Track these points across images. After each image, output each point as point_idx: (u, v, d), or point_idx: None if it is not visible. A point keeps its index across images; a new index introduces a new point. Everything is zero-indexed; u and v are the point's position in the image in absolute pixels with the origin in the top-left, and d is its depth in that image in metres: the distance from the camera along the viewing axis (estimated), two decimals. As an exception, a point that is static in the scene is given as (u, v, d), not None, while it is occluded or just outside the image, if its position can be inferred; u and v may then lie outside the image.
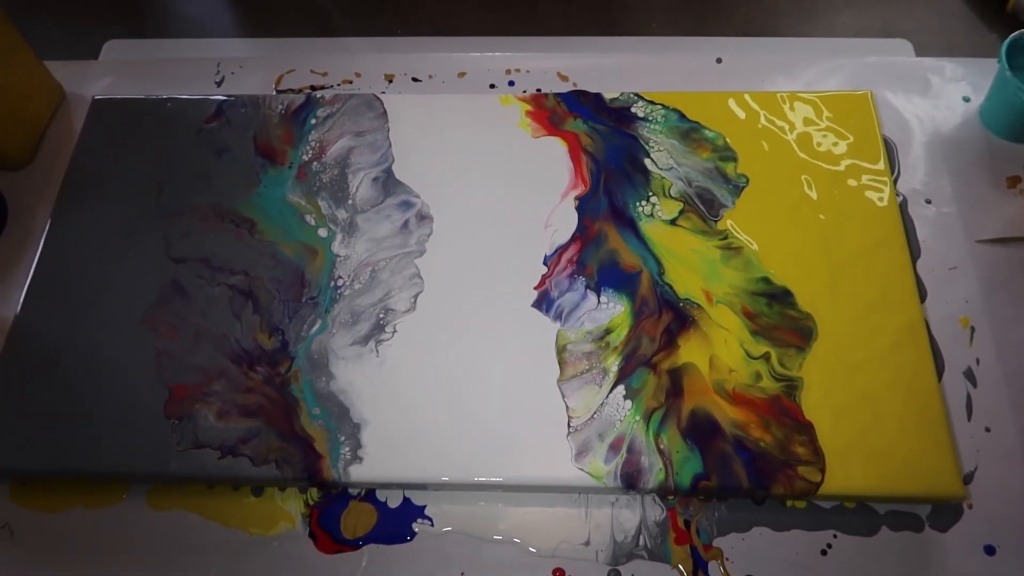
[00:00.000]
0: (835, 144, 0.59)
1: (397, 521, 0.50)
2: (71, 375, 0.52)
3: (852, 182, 0.58)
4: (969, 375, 0.53)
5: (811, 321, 0.52)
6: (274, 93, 0.65)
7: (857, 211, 0.57)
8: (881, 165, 0.58)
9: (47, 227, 0.58)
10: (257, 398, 0.51)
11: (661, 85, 0.64)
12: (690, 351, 0.52)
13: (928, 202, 0.59)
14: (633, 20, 0.70)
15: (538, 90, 0.65)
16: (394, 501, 0.51)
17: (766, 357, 0.51)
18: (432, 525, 0.50)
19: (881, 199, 0.57)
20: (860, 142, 0.60)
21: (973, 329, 0.55)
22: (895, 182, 0.60)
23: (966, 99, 0.64)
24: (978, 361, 0.54)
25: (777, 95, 0.61)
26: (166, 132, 0.61)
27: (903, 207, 0.59)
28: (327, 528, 0.50)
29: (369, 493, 0.51)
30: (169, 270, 0.55)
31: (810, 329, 0.52)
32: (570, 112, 0.61)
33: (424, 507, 0.50)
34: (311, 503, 0.51)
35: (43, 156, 0.64)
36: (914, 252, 0.57)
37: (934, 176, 0.61)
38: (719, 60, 0.66)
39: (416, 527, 0.50)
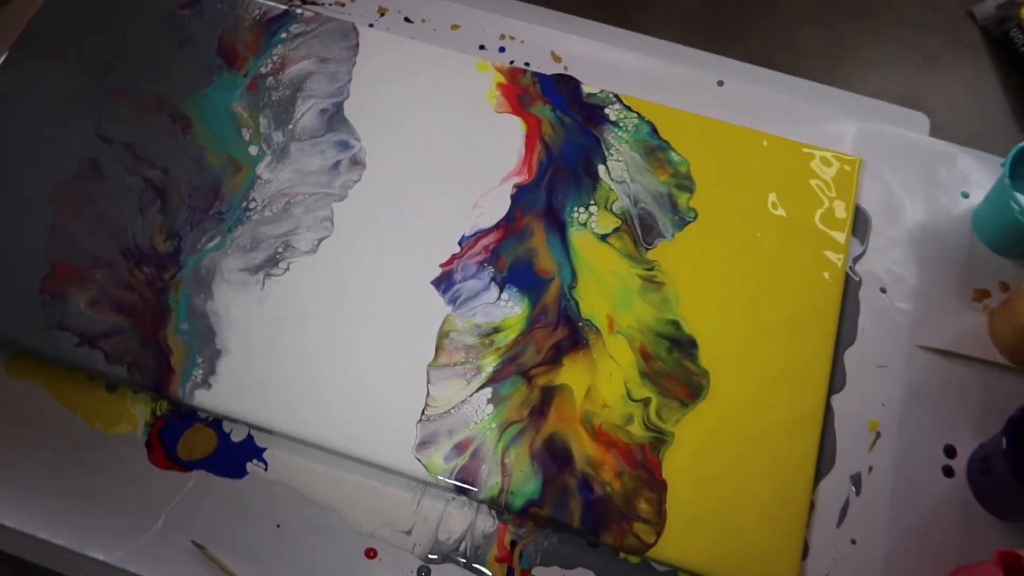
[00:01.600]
0: (805, 203, 0.55)
1: (234, 456, 0.49)
2: (-34, 223, 0.52)
3: (806, 248, 0.54)
4: (856, 480, 0.50)
5: (705, 379, 0.50)
6: (260, -4, 0.63)
7: (799, 278, 0.53)
8: (842, 239, 0.55)
9: (-4, 71, 0.58)
10: (133, 297, 0.50)
11: (651, 93, 0.60)
12: (572, 374, 0.49)
13: (883, 291, 0.55)
14: (648, 18, 0.66)
15: (526, 64, 0.62)
16: (238, 435, 0.50)
17: (646, 402, 0.49)
18: (266, 470, 0.49)
19: (828, 274, 0.53)
20: (832, 209, 0.56)
21: (879, 435, 0.51)
22: (858, 259, 0.56)
23: (965, 195, 0.59)
24: (871, 469, 0.50)
25: (763, 136, 0.57)
26: (136, 7, 0.60)
27: (854, 289, 0.55)
28: (165, 443, 0.49)
29: (217, 420, 0.50)
30: (94, 147, 0.54)
31: (701, 387, 0.49)
32: (542, 95, 0.58)
33: (264, 450, 0.49)
34: (159, 413, 0.50)
35: (13, 5, 0.63)
36: (847, 338, 0.54)
37: (901, 266, 0.56)
38: (720, 83, 0.62)
39: (250, 467, 0.49)
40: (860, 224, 0.57)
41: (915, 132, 0.62)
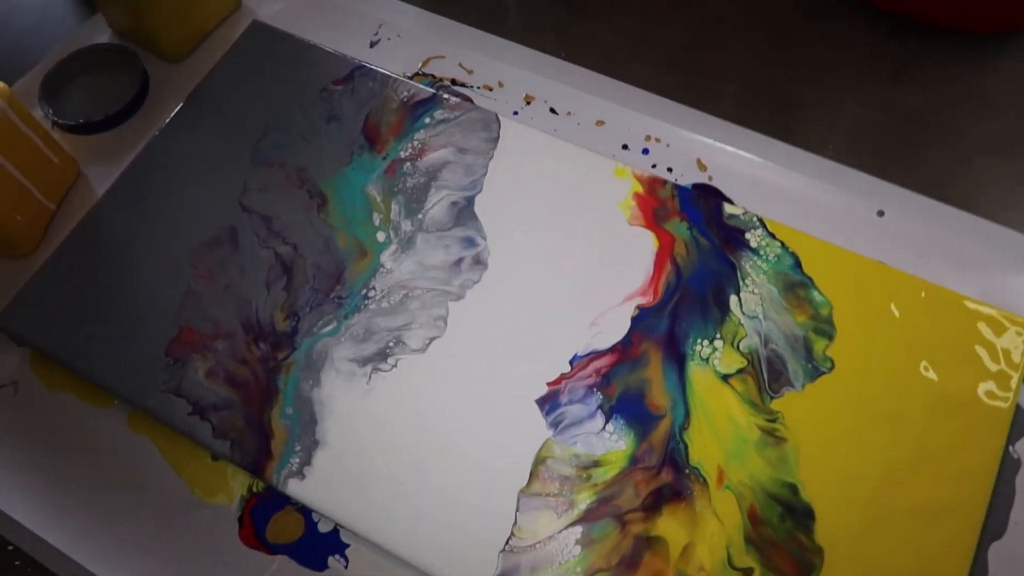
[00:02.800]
0: (962, 368, 0.49)
1: (318, 546, 0.49)
2: (112, 278, 0.55)
3: (959, 421, 0.48)
4: None
5: (819, 558, 0.45)
6: (409, 75, 0.64)
7: (946, 457, 0.47)
8: (1005, 415, 0.48)
9: (164, 124, 0.61)
10: (246, 373, 0.51)
11: (801, 216, 0.56)
12: (670, 526, 0.46)
13: (1046, 480, 0.48)
14: (810, 133, 0.61)
15: (669, 169, 0.59)
16: (325, 527, 0.50)
17: (747, 573, 0.45)
18: (346, 567, 0.49)
19: (983, 454, 0.47)
20: (995, 378, 0.49)
21: (1020, 652, 0.45)
22: (1020, 438, 0.49)
23: None
24: None
25: (922, 285, 0.52)
26: (297, 78, 0.62)
27: (1011, 471, 0.48)
28: (256, 521, 0.50)
29: (307, 507, 0.50)
30: (234, 215, 0.56)
31: (812, 567, 0.45)
32: (679, 211, 0.55)
33: (347, 546, 0.49)
34: (254, 490, 0.51)
35: (198, 56, 0.67)
36: (995, 529, 0.47)
37: (1071, 452, 0.49)
38: (881, 213, 0.56)
39: (331, 561, 0.49)
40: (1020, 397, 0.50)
41: (1109, 295, 0.54)
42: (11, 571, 0.51)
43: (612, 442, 0.48)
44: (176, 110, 0.62)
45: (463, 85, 0.64)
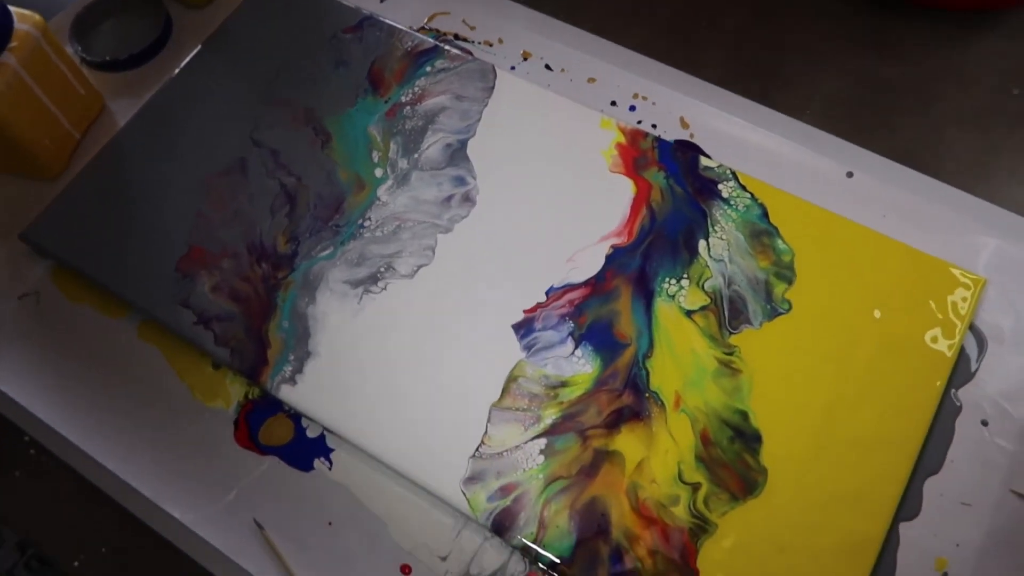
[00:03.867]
0: (912, 317, 0.53)
1: (305, 450, 0.54)
2: (130, 200, 0.59)
3: (903, 365, 0.52)
4: (908, 617, 0.47)
5: (763, 477, 0.49)
6: (415, 28, 0.68)
7: (888, 396, 0.51)
8: (947, 362, 0.51)
9: (183, 64, 0.65)
10: (248, 289, 0.56)
11: (773, 174, 0.59)
12: (627, 443, 0.50)
13: (984, 424, 0.52)
14: (789, 98, 0.64)
15: (653, 125, 0.63)
16: (313, 432, 0.54)
17: (695, 487, 0.48)
18: (330, 469, 0.53)
19: (922, 394, 0.51)
20: (942, 328, 0.53)
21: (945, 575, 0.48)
22: (963, 384, 0.53)
23: (1104, 337, 0.54)
24: (927, 609, 0.48)
25: (881, 238, 0.55)
26: (309, 26, 0.66)
27: (951, 415, 0.52)
28: (250, 425, 0.54)
29: (297, 414, 0.54)
30: (245, 147, 0.61)
31: (756, 484, 0.48)
32: (658, 161, 0.58)
33: (332, 451, 0.53)
34: (251, 397, 0.55)
35: (219, 3, 0.71)
36: (931, 465, 0.51)
37: (1011, 401, 0.52)
38: (850, 174, 0.60)
39: (317, 463, 0.53)
40: (974, 348, 0.53)
41: (1061, 259, 0.57)
42: (26, 459, 0.56)
43: (580, 365, 0.52)
44: (195, 51, 0.66)
45: (465, 40, 0.68)
